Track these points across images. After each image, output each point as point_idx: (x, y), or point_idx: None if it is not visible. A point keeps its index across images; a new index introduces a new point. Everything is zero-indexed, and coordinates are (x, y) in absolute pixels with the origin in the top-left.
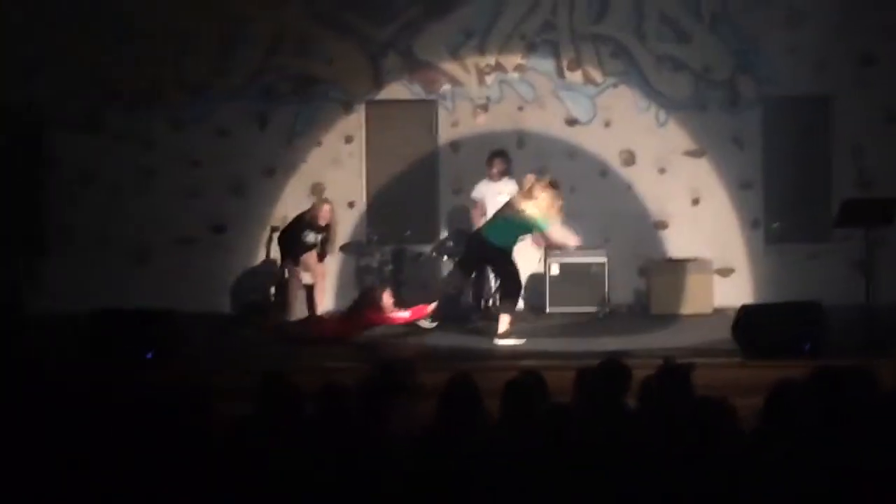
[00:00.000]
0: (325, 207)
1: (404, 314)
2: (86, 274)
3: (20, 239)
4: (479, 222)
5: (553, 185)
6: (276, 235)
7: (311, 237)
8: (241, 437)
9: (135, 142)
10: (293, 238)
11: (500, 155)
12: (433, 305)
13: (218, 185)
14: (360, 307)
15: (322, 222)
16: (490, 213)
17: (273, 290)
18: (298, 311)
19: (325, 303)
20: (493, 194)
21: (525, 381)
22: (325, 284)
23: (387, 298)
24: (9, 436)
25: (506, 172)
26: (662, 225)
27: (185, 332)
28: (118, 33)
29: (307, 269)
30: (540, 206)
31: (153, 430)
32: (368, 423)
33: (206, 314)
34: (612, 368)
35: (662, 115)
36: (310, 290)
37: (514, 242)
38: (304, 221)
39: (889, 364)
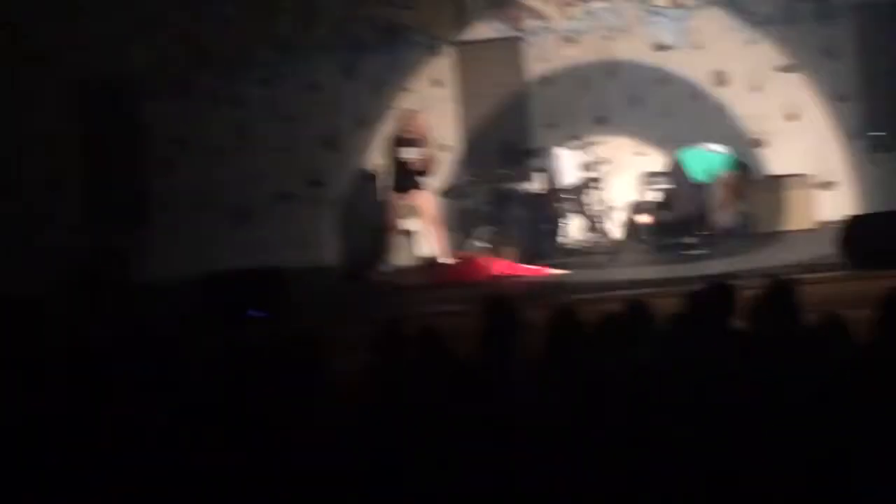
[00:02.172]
0: (415, 116)
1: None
2: (188, 238)
3: (123, 209)
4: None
5: None
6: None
7: (409, 153)
8: (360, 388)
9: (227, 103)
10: (393, 163)
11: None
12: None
13: (311, 139)
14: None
15: (416, 134)
16: None
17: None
18: (403, 257)
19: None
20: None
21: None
22: (437, 226)
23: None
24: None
25: None
26: (760, 143)
27: (292, 288)
28: None
29: (416, 212)
30: None
31: (269, 386)
32: (489, 364)
33: (311, 269)
34: (718, 290)
35: (752, 32)
36: (418, 235)
37: None
38: (396, 138)
39: None
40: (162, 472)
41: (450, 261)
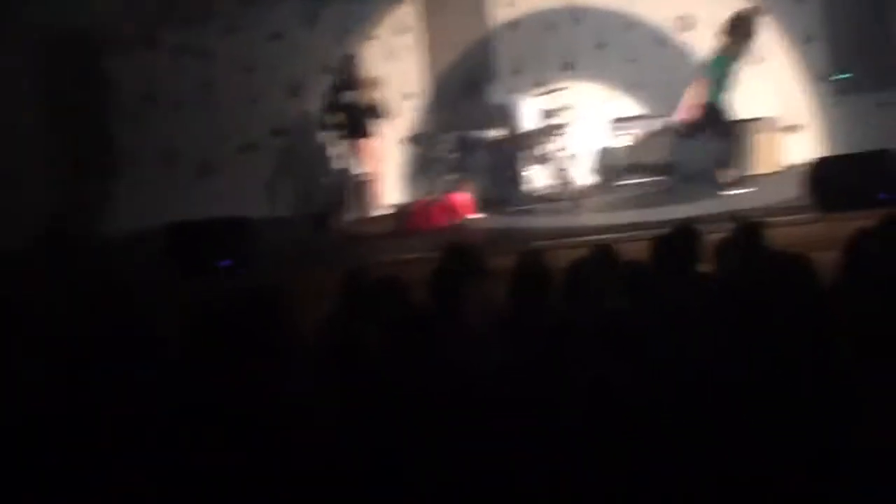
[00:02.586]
0: (355, 60)
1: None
2: (155, 190)
3: (89, 162)
4: None
5: None
6: None
7: (347, 97)
8: (327, 336)
9: (191, 55)
10: (338, 108)
11: None
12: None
13: (275, 89)
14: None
15: (357, 79)
16: None
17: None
18: (358, 207)
19: (392, 196)
20: None
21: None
22: (380, 170)
23: (463, 195)
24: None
25: None
26: None
27: (258, 238)
28: None
29: (368, 157)
30: None
31: (238, 334)
32: (443, 310)
33: (276, 219)
34: (684, 234)
35: None
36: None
37: None
38: (338, 84)
39: None
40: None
41: (411, 207)
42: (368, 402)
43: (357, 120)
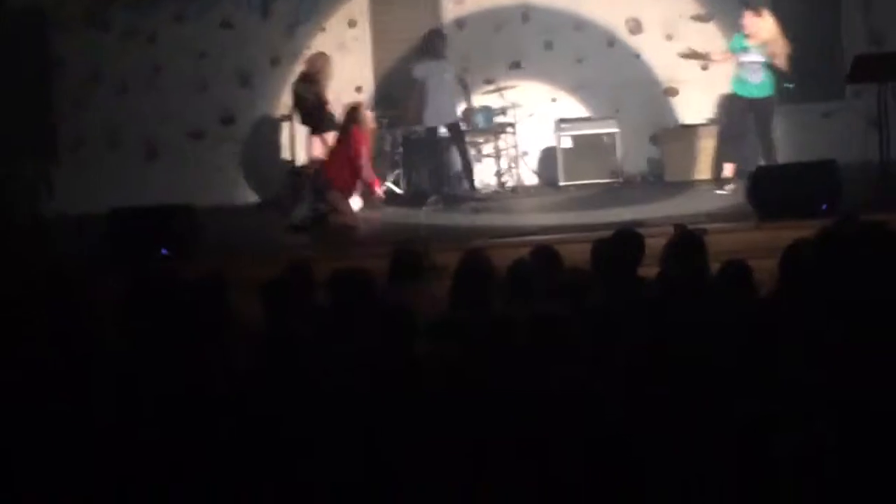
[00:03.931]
0: (324, 57)
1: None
2: (99, 174)
3: (32, 144)
4: (418, 104)
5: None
6: (284, 124)
7: (317, 92)
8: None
9: (140, 38)
10: (302, 101)
11: (440, 33)
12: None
13: (224, 77)
14: (347, 128)
15: (323, 74)
16: (434, 93)
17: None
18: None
19: None
20: (439, 73)
21: (536, 256)
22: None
23: (367, 112)
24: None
25: (439, 49)
26: (673, 92)
27: (201, 226)
28: None
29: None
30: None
31: (176, 322)
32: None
33: (222, 207)
34: (626, 238)
35: None
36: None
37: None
38: (303, 77)
39: None
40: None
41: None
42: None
43: (319, 114)
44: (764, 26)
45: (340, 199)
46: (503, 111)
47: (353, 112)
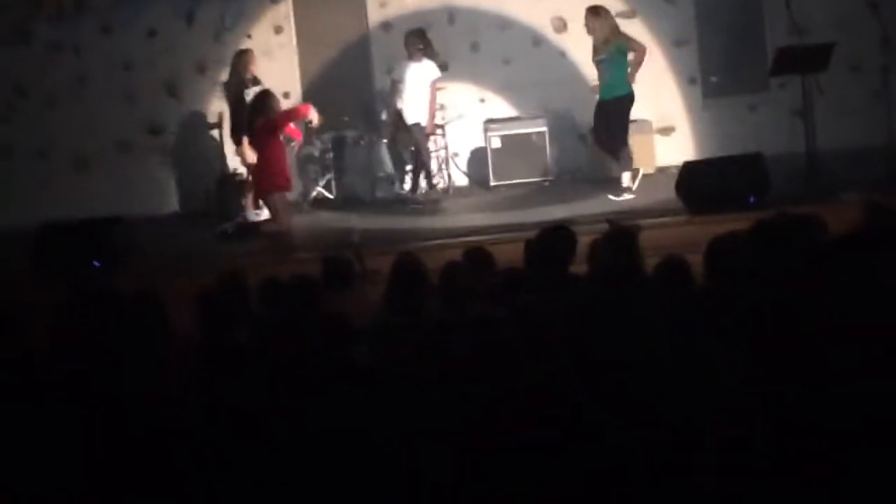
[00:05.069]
0: (251, 55)
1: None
2: (27, 187)
3: None
4: (398, 104)
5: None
6: (213, 132)
7: (240, 93)
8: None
9: (65, 50)
10: (240, 107)
11: (418, 34)
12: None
13: (152, 86)
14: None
15: (255, 75)
16: (411, 94)
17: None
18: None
19: None
20: (417, 75)
21: (469, 257)
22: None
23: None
24: None
25: (426, 51)
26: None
27: (133, 237)
28: None
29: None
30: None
31: (108, 336)
32: (314, 316)
33: (153, 217)
34: (556, 235)
35: None
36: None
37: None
38: (237, 80)
39: (832, 209)
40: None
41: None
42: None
43: (241, 112)
44: (600, 25)
45: (274, 202)
46: None
47: (257, 104)
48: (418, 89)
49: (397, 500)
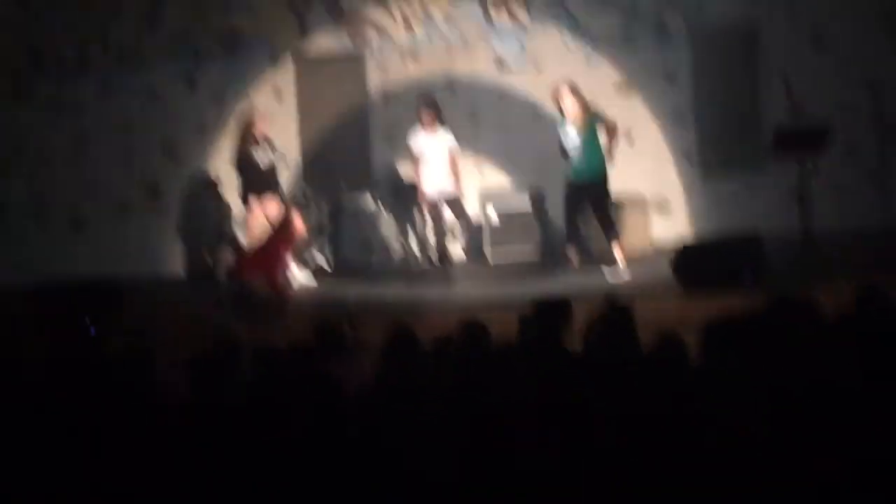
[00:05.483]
0: (258, 115)
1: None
2: (23, 246)
3: None
4: (422, 176)
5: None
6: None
7: (263, 156)
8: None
9: (65, 110)
10: (248, 168)
11: (429, 103)
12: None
13: (151, 148)
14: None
15: (262, 135)
16: (432, 165)
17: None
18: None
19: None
20: (434, 147)
21: (466, 330)
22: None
23: (298, 220)
24: None
25: (438, 121)
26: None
27: (128, 299)
28: (42, 1)
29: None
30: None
31: (100, 401)
32: (307, 386)
33: (148, 279)
34: (551, 309)
35: (591, 52)
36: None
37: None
38: (249, 139)
39: (828, 292)
40: None
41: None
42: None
43: (261, 177)
44: (574, 104)
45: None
46: None
47: (282, 227)
48: (439, 158)
49: None
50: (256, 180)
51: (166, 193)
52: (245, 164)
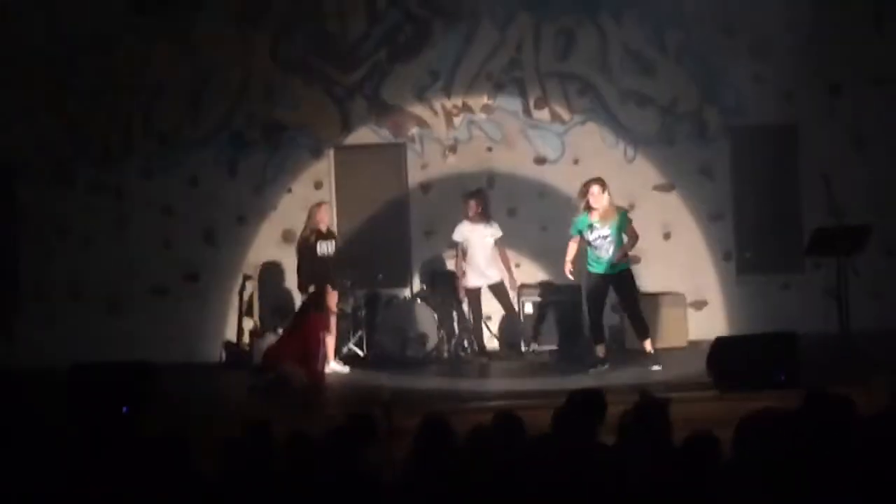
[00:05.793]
0: (324, 208)
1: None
2: (61, 326)
3: None
4: (461, 266)
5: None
6: (248, 283)
7: (325, 248)
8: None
9: (106, 193)
10: (309, 257)
11: (476, 195)
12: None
13: (190, 233)
14: (306, 310)
15: (327, 227)
16: (475, 255)
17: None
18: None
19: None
20: (479, 237)
21: (498, 421)
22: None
23: (331, 294)
24: None
25: (484, 212)
26: (635, 260)
27: (161, 384)
28: (88, 86)
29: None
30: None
31: (132, 485)
32: (339, 471)
33: (183, 364)
34: (586, 401)
35: (630, 150)
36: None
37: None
38: (312, 232)
39: (865, 392)
40: None
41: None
42: None
43: (323, 269)
44: (604, 200)
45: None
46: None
47: (313, 297)
48: (484, 249)
49: None
50: (318, 271)
51: (203, 278)
52: (307, 254)
